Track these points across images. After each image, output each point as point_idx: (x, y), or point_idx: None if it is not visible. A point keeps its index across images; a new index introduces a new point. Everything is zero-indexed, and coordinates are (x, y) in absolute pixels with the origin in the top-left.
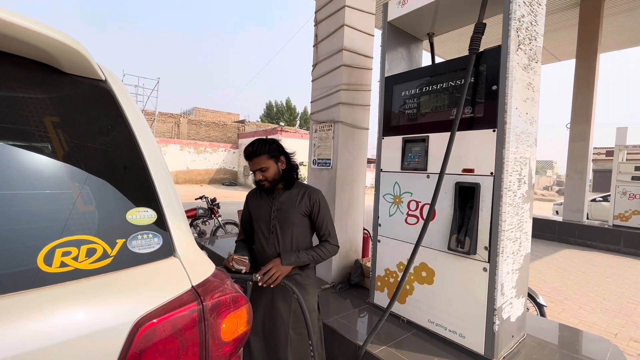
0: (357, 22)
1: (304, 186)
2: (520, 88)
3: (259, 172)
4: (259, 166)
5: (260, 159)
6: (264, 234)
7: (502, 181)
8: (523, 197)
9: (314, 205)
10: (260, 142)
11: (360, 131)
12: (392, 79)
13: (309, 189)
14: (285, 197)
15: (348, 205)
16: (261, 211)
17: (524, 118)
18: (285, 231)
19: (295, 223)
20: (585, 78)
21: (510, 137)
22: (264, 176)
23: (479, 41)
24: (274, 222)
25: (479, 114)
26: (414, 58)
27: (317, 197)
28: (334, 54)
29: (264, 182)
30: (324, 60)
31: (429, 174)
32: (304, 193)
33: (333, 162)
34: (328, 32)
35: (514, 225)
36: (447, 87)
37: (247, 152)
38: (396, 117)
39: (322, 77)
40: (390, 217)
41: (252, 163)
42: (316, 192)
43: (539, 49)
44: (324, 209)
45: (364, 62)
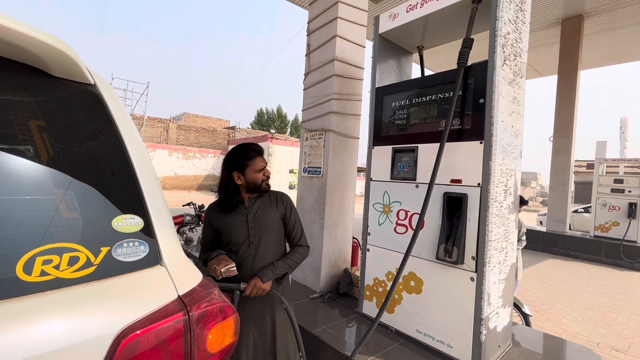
0: (349, 34)
1: (273, 191)
2: (506, 102)
3: (267, 169)
4: (265, 163)
5: (264, 157)
6: (239, 248)
7: (488, 192)
8: (509, 208)
9: (287, 207)
10: (251, 142)
11: (351, 140)
12: (383, 90)
13: (279, 193)
14: (260, 204)
15: (338, 213)
16: (233, 224)
17: (510, 131)
18: (265, 239)
19: (274, 229)
20: (566, 93)
21: (496, 149)
22: (268, 172)
23: (467, 55)
24: (252, 231)
25: (466, 126)
26: (404, 70)
27: (287, 200)
28: (325, 64)
29: (268, 182)
30: (315, 70)
31: (418, 184)
32: (276, 197)
33: (323, 170)
34: (320, 42)
35: (500, 235)
36: (436, 99)
37: (257, 149)
38: (386, 127)
39: (313, 86)
40: (380, 226)
41: (261, 159)
42: (286, 195)
43: (524, 65)
44: (294, 211)
45: (355, 73)
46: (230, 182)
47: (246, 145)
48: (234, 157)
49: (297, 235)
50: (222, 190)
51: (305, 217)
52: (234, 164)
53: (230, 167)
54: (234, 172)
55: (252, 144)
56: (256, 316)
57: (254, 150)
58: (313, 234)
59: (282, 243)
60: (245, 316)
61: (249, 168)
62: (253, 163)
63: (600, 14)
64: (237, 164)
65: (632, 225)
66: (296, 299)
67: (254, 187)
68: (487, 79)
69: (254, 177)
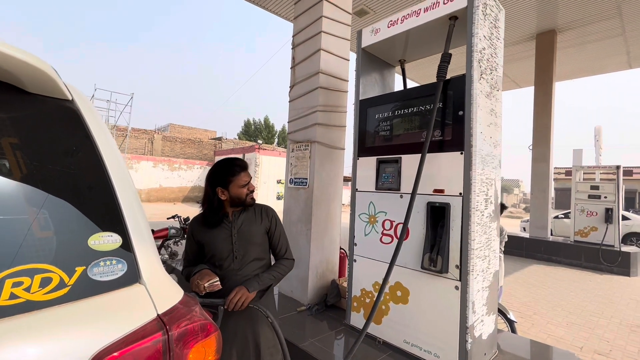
0: (333, 47)
1: (257, 205)
2: (484, 114)
3: (251, 184)
4: (250, 177)
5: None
6: (223, 263)
7: (470, 201)
8: (490, 217)
9: (272, 221)
10: (235, 157)
11: (337, 151)
12: (367, 102)
13: (263, 206)
14: (245, 218)
15: (325, 224)
16: (217, 239)
17: (489, 142)
18: (249, 253)
19: (258, 243)
20: (543, 104)
21: (476, 159)
22: (252, 187)
23: (445, 69)
24: (236, 246)
25: (447, 137)
26: (387, 82)
27: (272, 213)
28: (310, 77)
29: (252, 197)
30: (301, 82)
31: (402, 194)
32: (260, 210)
33: (310, 181)
34: (305, 55)
35: (483, 243)
36: (418, 111)
37: (241, 165)
38: (370, 139)
39: (299, 98)
40: (366, 236)
41: (246, 174)
42: (271, 208)
43: (500, 79)
44: (279, 224)
45: (339, 85)
46: (214, 197)
47: (230, 160)
48: (217, 172)
49: (282, 249)
50: (206, 206)
51: (292, 229)
52: (218, 179)
53: (214, 183)
54: (217, 187)
55: (236, 159)
56: (240, 332)
57: (238, 165)
58: (300, 245)
59: (267, 257)
60: (229, 333)
61: (233, 184)
62: (237, 179)
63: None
64: (220, 180)
65: (609, 230)
66: (283, 312)
67: (238, 202)
68: (465, 92)
69: (238, 193)
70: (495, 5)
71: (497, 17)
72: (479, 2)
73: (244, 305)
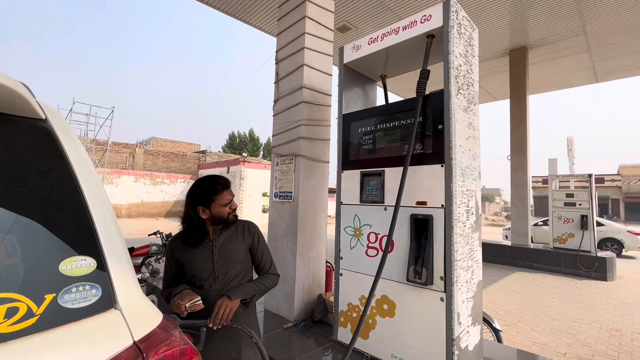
0: (316, 63)
1: (239, 220)
2: (462, 127)
3: (234, 202)
4: (232, 195)
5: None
6: (204, 283)
7: (452, 213)
8: (472, 227)
9: (254, 237)
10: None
11: (321, 164)
12: (349, 117)
13: (245, 222)
14: (226, 236)
15: (310, 238)
16: (198, 258)
17: (468, 154)
18: (231, 272)
19: (240, 261)
20: (519, 116)
21: (456, 172)
22: (235, 205)
23: (424, 85)
24: (218, 265)
25: (428, 150)
26: (369, 97)
27: (254, 229)
28: (294, 91)
29: (235, 214)
30: (285, 97)
31: (386, 207)
32: (242, 227)
33: (295, 194)
34: (288, 70)
35: (466, 254)
36: (400, 125)
37: (223, 183)
38: (354, 152)
39: (283, 112)
40: (352, 249)
41: (228, 193)
42: (253, 224)
43: (476, 93)
44: (262, 240)
45: (323, 99)
46: (194, 216)
47: (211, 178)
48: (198, 191)
49: (266, 265)
50: (186, 225)
51: (278, 243)
52: (199, 198)
53: (195, 202)
54: (198, 206)
55: (218, 177)
56: (223, 354)
57: (220, 184)
58: (286, 260)
59: (250, 275)
60: (212, 355)
61: (215, 203)
62: (219, 197)
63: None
64: (202, 199)
65: (585, 236)
66: (269, 330)
67: (220, 220)
68: (444, 107)
69: (220, 212)
70: (469, 24)
71: (472, 36)
72: (454, 22)
73: (229, 318)
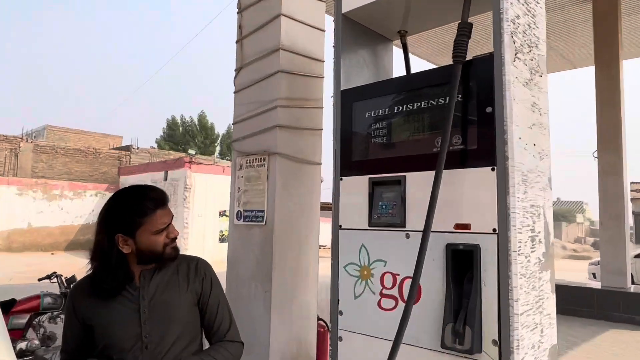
0: (301, 11)
1: (181, 257)
2: (522, 110)
3: (172, 227)
4: (171, 217)
5: (169, 208)
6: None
7: (509, 241)
8: (540, 263)
9: (204, 283)
10: (148, 185)
11: (309, 167)
12: (352, 94)
13: (191, 260)
14: (161, 282)
15: (293, 282)
16: (116, 318)
17: (532, 151)
18: (167, 339)
19: (182, 322)
20: (608, 91)
21: (515, 177)
22: (174, 233)
23: (464, 46)
24: (147, 327)
25: (471, 146)
26: (382, 64)
27: (205, 269)
28: (267, 55)
29: (174, 246)
30: (252, 64)
31: (408, 232)
32: (187, 266)
33: (268, 215)
34: (258, 23)
35: (531, 304)
36: (428, 107)
37: (156, 198)
38: (360, 148)
39: (249, 87)
40: (357, 299)
41: (164, 214)
42: (203, 263)
43: (543, 59)
44: (218, 287)
45: (311, 68)
46: (111, 250)
47: (138, 190)
48: (117, 211)
49: (224, 326)
50: (97, 264)
51: (242, 291)
52: (118, 222)
53: (112, 227)
54: (117, 234)
55: (148, 188)
56: None
57: (152, 199)
58: (254, 317)
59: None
60: None
61: (142, 229)
62: (150, 221)
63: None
64: (123, 223)
65: None
66: None
67: (151, 256)
68: (494, 79)
69: (151, 242)
70: None
71: None
72: None
73: None
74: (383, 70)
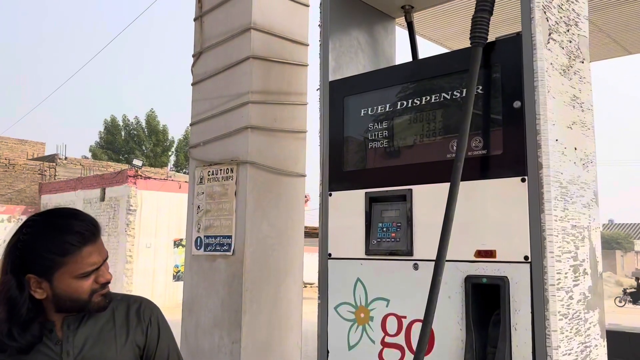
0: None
1: (120, 298)
2: (559, 105)
3: (104, 269)
4: (104, 257)
5: (102, 242)
6: None
7: (545, 272)
8: (585, 300)
9: (151, 331)
10: (73, 210)
11: (290, 180)
12: (343, 86)
13: (133, 300)
14: (90, 333)
15: (268, 330)
16: None
17: (572, 157)
18: None
19: None
20: None
21: (552, 190)
22: (106, 276)
23: (486, 25)
24: None
25: (495, 151)
26: (381, 48)
27: (151, 314)
28: (235, 36)
29: (105, 292)
30: (215, 47)
31: (416, 262)
32: (127, 311)
33: (237, 242)
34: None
35: (575, 354)
36: (440, 102)
37: (83, 231)
38: (353, 156)
39: (212, 77)
40: (352, 350)
41: (94, 250)
42: (147, 304)
43: (585, 41)
44: (167, 335)
45: (291, 53)
46: (20, 295)
47: (59, 217)
48: (29, 245)
49: None
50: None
51: (202, 343)
52: (30, 260)
53: (23, 267)
54: (28, 275)
55: (72, 216)
56: None
57: (78, 232)
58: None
59: None
60: None
61: (62, 270)
62: (73, 261)
63: None
64: (36, 262)
65: None
66: None
67: (74, 305)
68: (523, 67)
69: (73, 289)
70: None
71: None
72: None
73: None
74: (383, 56)
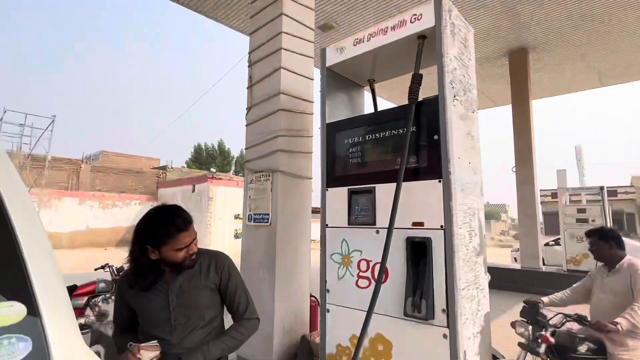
0: (295, 65)
1: (204, 253)
2: (460, 137)
3: (193, 245)
4: (193, 237)
5: (193, 228)
6: (159, 334)
7: (453, 235)
8: (476, 250)
9: (222, 274)
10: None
11: (303, 181)
12: (334, 126)
13: (212, 255)
14: (186, 277)
15: (291, 268)
16: (150, 305)
17: (468, 167)
18: (194, 321)
19: (205, 306)
20: (522, 123)
21: (456, 187)
22: (193, 249)
23: (417, 91)
24: (175, 313)
25: (423, 164)
26: (356, 104)
27: (224, 264)
28: (270, 97)
29: (193, 258)
30: (259, 104)
31: (378, 229)
32: (209, 261)
33: (272, 217)
34: (263, 74)
35: (470, 282)
36: (391, 135)
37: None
38: (341, 166)
39: (257, 121)
40: (340, 280)
41: (186, 236)
42: (222, 257)
43: (474, 100)
44: (235, 276)
45: (303, 107)
46: (142, 258)
47: (166, 215)
48: (146, 228)
49: (242, 307)
50: (132, 266)
51: (252, 276)
52: (147, 237)
53: (143, 241)
54: (147, 246)
55: (174, 214)
56: None
57: (176, 225)
58: (262, 295)
59: (218, 320)
60: None
61: (166, 246)
62: (173, 242)
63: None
64: (151, 240)
65: None
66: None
67: (173, 265)
68: (439, 115)
69: (172, 256)
70: (463, 25)
71: (467, 37)
72: (447, 22)
73: None
74: (357, 108)
